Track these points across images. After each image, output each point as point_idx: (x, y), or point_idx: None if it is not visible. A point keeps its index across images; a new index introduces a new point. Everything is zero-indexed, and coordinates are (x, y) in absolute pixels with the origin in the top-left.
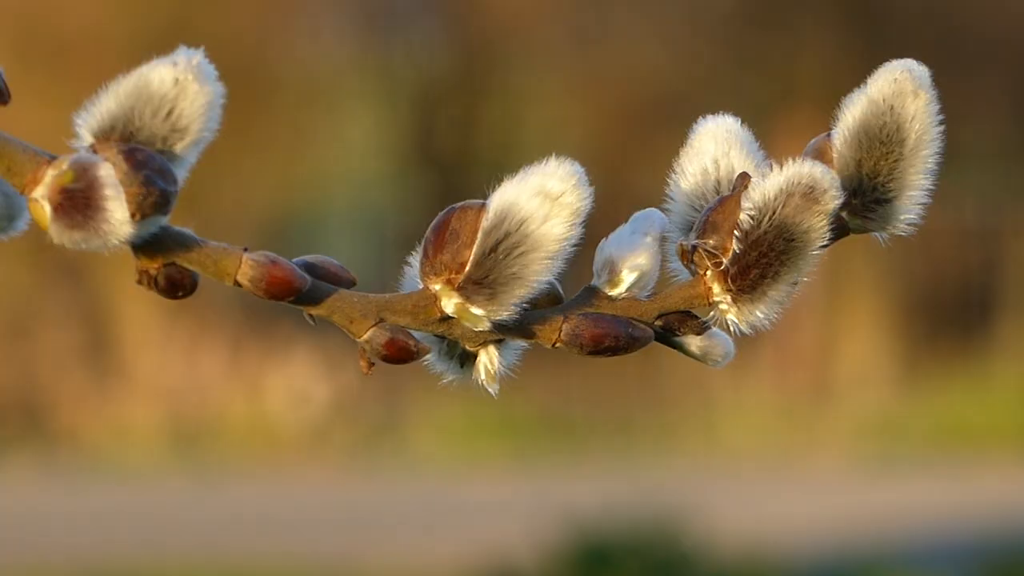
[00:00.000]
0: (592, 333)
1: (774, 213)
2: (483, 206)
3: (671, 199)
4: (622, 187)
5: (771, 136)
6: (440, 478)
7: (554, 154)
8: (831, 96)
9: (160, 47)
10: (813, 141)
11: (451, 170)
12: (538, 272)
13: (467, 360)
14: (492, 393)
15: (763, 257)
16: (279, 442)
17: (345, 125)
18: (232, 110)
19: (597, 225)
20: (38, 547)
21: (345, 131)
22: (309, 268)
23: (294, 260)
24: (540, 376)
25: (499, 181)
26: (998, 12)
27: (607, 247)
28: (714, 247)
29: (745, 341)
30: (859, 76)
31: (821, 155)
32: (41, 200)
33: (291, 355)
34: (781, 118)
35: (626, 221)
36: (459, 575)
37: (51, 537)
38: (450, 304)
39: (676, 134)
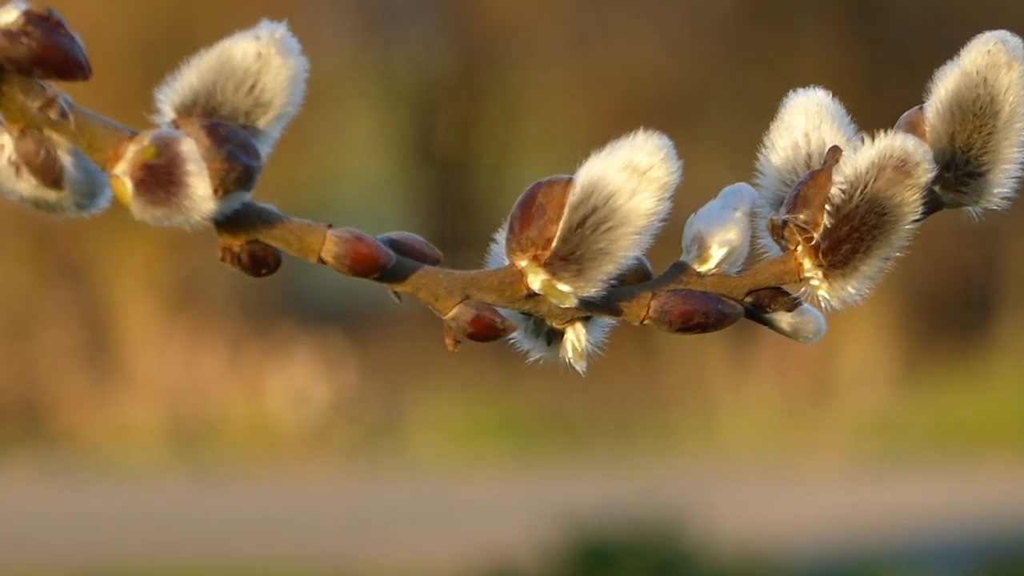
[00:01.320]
0: (681, 310)
1: (866, 187)
2: (570, 180)
3: (761, 173)
4: None
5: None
6: (440, 478)
7: (555, 154)
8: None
9: (160, 47)
10: (905, 115)
11: (451, 170)
12: (626, 247)
13: (554, 338)
14: (580, 371)
15: (855, 232)
16: (279, 442)
17: (345, 125)
18: None
19: None
20: (38, 547)
21: (345, 131)
22: (393, 244)
23: (378, 236)
24: (540, 376)
25: (499, 181)
26: (998, 12)
27: (696, 222)
28: (805, 222)
29: (745, 341)
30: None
31: (913, 128)
32: (123, 176)
33: (291, 355)
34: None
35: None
36: (459, 575)
37: (51, 537)
38: (536, 280)
39: (676, 134)
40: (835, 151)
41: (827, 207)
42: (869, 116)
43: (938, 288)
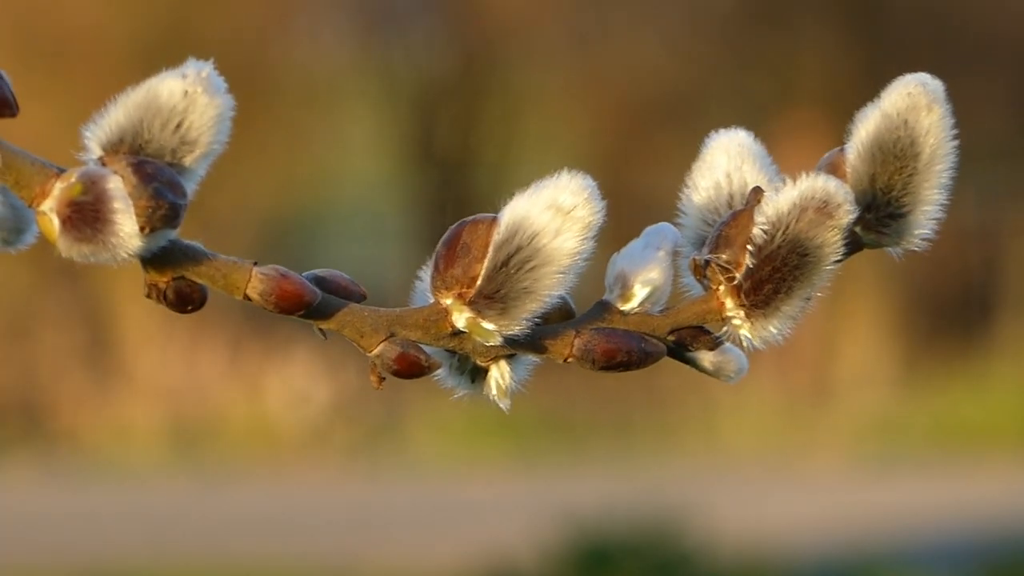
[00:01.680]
0: (604, 348)
1: (788, 227)
2: (494, 219)
3: (683, 213)
4: (622, 187)
5: (771, 136)
6: (440, 478)
7: (555, 154)
8: (831, 96)
9: (160, 47)
10: (826, 155)
11: (451, 170)
12: (550, 286)
13: (478, 375)
14: (504, 408)
15: (776, 272)
16: (279, 442)
17: (345, 126)
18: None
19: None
20: (38, 547)
21: (345, 132)
22: (319, 282)
23: (304, 274)
24: (540, 376)
25: (499, 181)
26: (998, 12)
27: (619, 261)
28: (727, 262)
29: None
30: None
31: (835, 169)
32: (49, 213)
33: (291, 355)
34: (781, 118)
35: (638, 235)
36: (459, 575)
37: (51, 537)
38: (461, 319)
39: (676, 134)
40: (757, 192)
41: (749, 247)
42: None
43: (938, 288)
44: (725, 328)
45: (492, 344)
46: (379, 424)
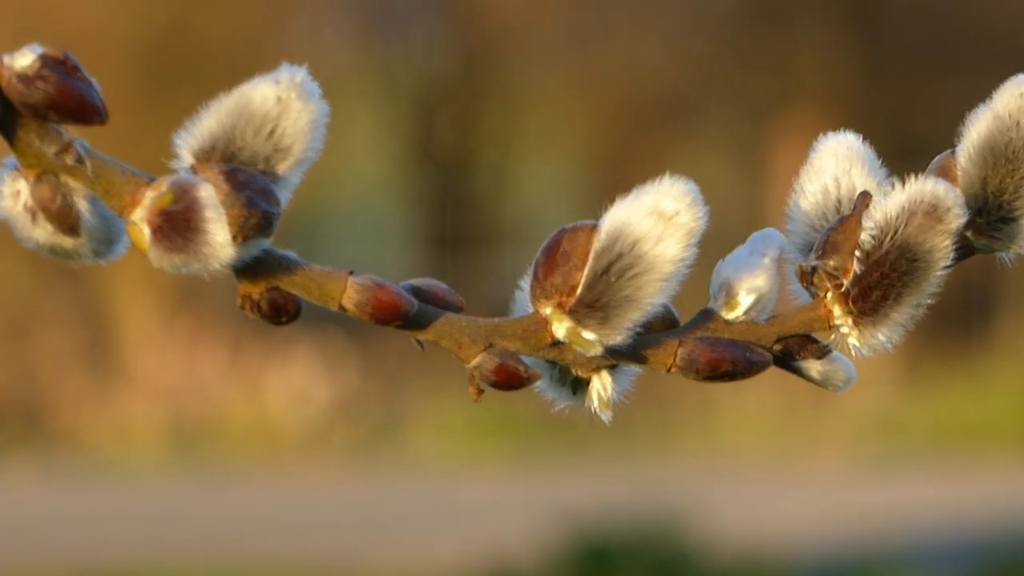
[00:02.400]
0: (709, 358)
1: (896, 232)
2: (595, 226)
3: (790, 219)
4: (621, 187)
5: (770, 136)
6: (440, 478)
7: (555, 154)
8: (831, 96)
9: (160, 47)
10: (937, 158)
11: (451, 170)
12: (652, 294)
13: (579, 387)
14: (606, 421)
15: (885, 278)
16: (279, 442)
17: (345, 126)
18: None
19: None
20: (38, 547)
21: (345, 132)
22: (415, 291)
23: (401, 284)
24: None
25: (499, 181)
26: (998, 12)
27: (724, 269)
28: (834, 268)
29: None
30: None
31: (945, 172)
32: (140, 223)
33: (291, 355)
34: (781, 118)
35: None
36: (459, 575)
37: (51, 537)
38: (561, 328)
39: (676, 134)
40: (865, 196)
41: (857, 253)
42: (869, 116)
43: (938, 288)
44: (833, 336)
45: (593, 354)
46: (379, 424)
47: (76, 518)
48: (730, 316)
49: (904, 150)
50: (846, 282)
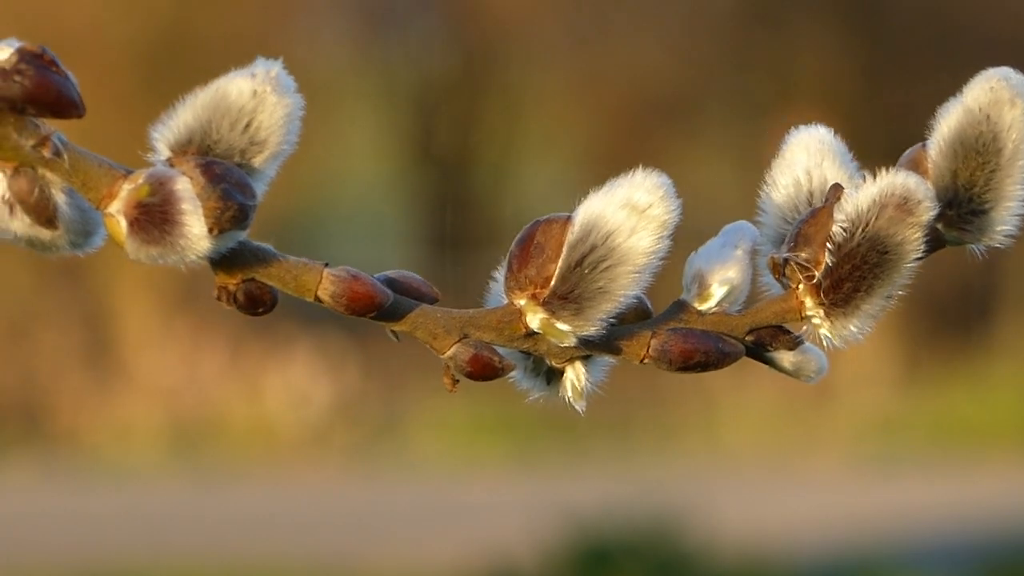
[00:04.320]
0: (682, 348)
1: (867, 225)
2: (568, 219)
3: (762, 211)
4: None
5: (770, 136)
6: (440, 478)
7: (555, 154)
8: (830, 96)
9: (160, 47)
10: (908, 151)
11: (451, 170)
12: (625, 286)
13: (553, 377)
14: (579, 411)
15: (856, 270)
16: (279, 442)
17: (345, 125)
18: None
19: None
20: (38, 547)
21: (345, 131)
22: (390, 283)
23: (376, 275)
24: None
25: (499, 181)
26: (998, 12)
27: (696, 260)
28: (806, 260)
29: None
30: (858, 76)
31: (916, 166)
32: (117, 215)
33: (291, 355)
34: (780, 118)
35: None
36: (459, 575)
37: (51, 537)
38: (535, 319)
39: (676, 134)
40: (837, 189)
41: (829, 245)
42: (868, 116)
43: (938, 288)
44: (805, 327)
45: (567, 345)
46: (379, 424)
47: (76, 518)
48: (703, 307)
49: (903, 150)
50: (818, 274)
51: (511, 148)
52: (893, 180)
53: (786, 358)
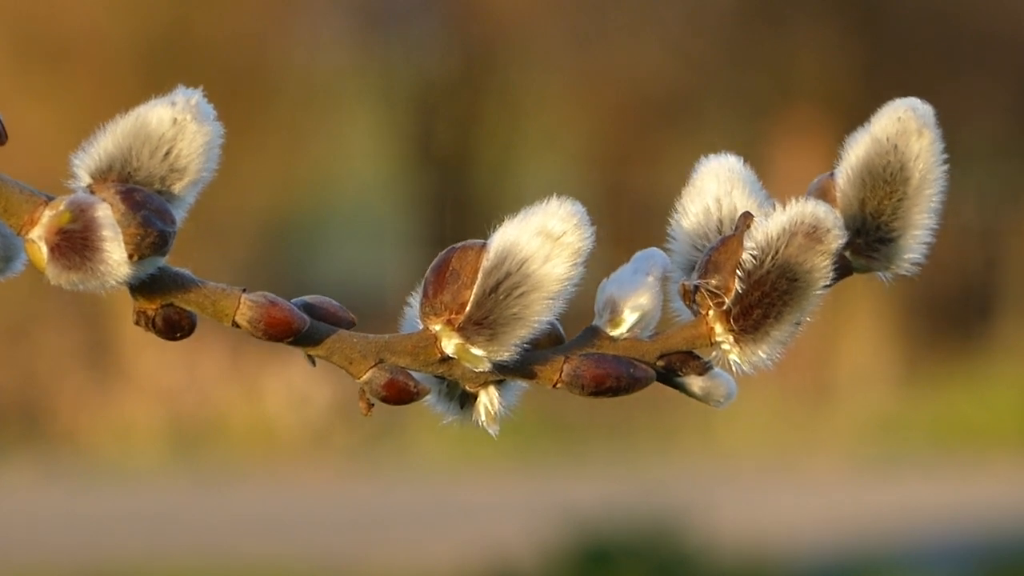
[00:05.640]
0: (593, 374)
1: (777, 253)
2: (483, 246)
3: (673, 238)
4: (621, 187)
5: (770, 136)
6: (440, 478)
7: (554, 154)
8: (830, 96)
9: (160, 48)
10: (816, 180)
11: (451, 170)
12: (539, 312)
13: (467, 401)
14: (492, 434)
15: (766, 297)
16: (279, 443)
17: (345, 127)
18: (232, 112)
19: (598, 225)
20: (38, 548)
21: (345, 132)
22: (308, 308)
23: (292, 300)
24: None
25: (499, 181)
26: (998, 12)
27: (608, 287)
28: (716, 287)
29: None
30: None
31: (824, 194)
32: (38, 241)
33: (291, 356)
34: (780, 118)
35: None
36: (459, 575)
37: (51, 538)
38: (450, 345)
39: (676, 134)
40: (746, 217)
41: (738, 272)
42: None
43: (938, 288)
44: (714, 353)
45: (481, 370)
46: (379, 425)
47: (76, 518)
48: (615, 333)
49: None
50: (728, 300)
51: (511, 148)
52: (802, 209)
53: (696, 383)
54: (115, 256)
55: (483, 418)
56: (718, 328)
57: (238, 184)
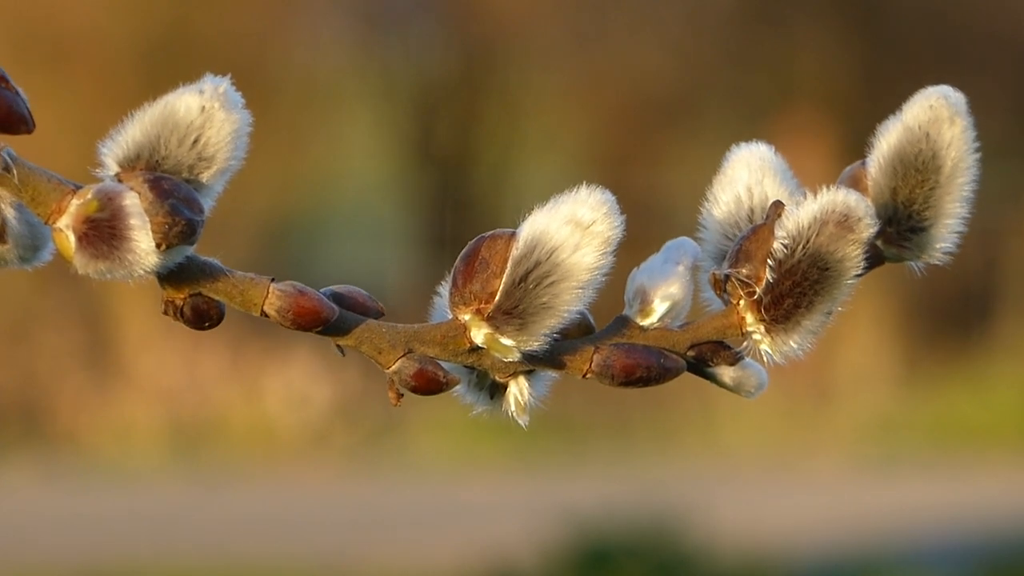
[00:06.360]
0: (623, 364)
1: (808, 242)
2: (513, 235)
3: (704, 227)
4: (621, 187)
5: (770, 136)
6: (440, 478)
7: (555, 154)
8: (830, 96)
9: (160, 48)
10: (848, 169)
11: (451, 170)
12: (569, 302)
13: (497, 391)
14: (522, 425)
15: (797, 286)
16: (279, 443)
17: (345, 126)
18: None
19: None
20: (38, 548)
21: (345, 132)
22: (336, 298)
23: (321, 290)
24: None
25: (499, 181)
26: (998, 12)
27: (639, 276)
28: (747, 276)
29: None
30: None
31: (856, 183)
32: (65, 230)
33: (291, 356)
34: (780, 118)
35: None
36: (459, 575)
37: (51, 538)
38: (480, 334)
39: (676, 134)
40: (777, 206)
41: (769, 262)
42: (868, 116)
43: (938, 288)
44: (745, 343)
45: (510, 360)
46: (379, 425)
47: (76, 518)
48: (645, 323)
49: None
50: (759, 290)
51: (511, 148)
52: (834, 197)
53: (726, 373)
54: (143, 245)
55: (513, 408)
56: (749, 318)
57: (238, 184)
